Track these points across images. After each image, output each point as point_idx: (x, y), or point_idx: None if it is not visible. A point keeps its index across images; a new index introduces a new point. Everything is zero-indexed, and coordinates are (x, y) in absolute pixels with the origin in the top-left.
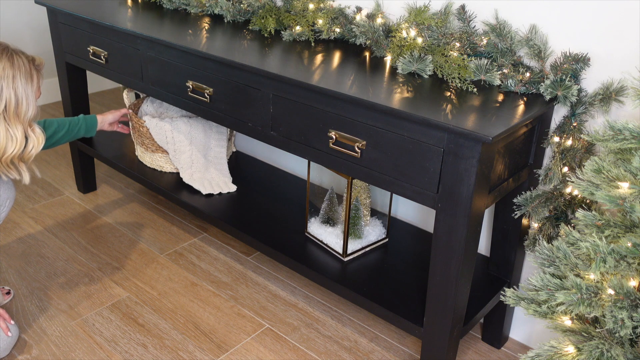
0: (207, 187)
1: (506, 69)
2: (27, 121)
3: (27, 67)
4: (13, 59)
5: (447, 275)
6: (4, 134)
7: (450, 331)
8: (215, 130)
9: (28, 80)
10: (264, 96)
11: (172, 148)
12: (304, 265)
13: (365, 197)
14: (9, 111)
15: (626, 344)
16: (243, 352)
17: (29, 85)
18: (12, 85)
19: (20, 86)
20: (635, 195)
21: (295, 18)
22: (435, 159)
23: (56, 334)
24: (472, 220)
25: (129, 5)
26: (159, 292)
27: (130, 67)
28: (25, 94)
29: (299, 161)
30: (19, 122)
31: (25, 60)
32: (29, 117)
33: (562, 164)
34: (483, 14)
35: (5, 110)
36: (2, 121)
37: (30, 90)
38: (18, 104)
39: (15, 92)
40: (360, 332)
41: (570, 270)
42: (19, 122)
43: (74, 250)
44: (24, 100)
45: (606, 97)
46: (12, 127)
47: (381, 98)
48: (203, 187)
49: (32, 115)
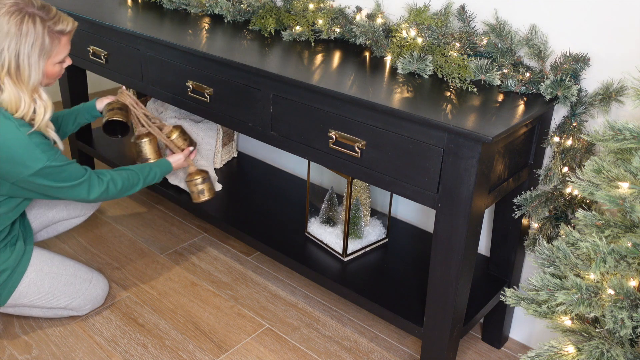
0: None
1: (506, 69)
2: (31, 86)
3: (38, 33)
4: (22, 24)
5: (447, 275)
6: (14, 93)
7: (450, 331)
8: (204, 127)
9: (35, 48)
10: (264, 96)
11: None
12: (304, 265)
13: (365, 197)
14: (11, 73)
15: (626, 344)
16: (243, 352)
17: (36, 53)
18: (13, 50)
19: (23, 52)
20: (635, 195)
21: (295, 18)
22: (435, 159)
23: (56, 334)
24: (472, 220)
25: (129, 5)
26: (159, 292)
27: (130, 67)
28: (28, 61)
29: (299, 161)
30: (23, 85)
31: (40, 27)
32: (32, 83)
33: (562, 164)
34: (483, 14)
35: (9, 71)
36: (8, 80)
37: (37, 57)
38: (19, 68)
39: (17, 58)
40: (360, 332)
41: (570, 270)
42: (23, 86)
43: (74, 250)
44: (26, 67)
45: (606, 97)
46: (19, 89)
47: (381, 98)
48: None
49: (35, 82)
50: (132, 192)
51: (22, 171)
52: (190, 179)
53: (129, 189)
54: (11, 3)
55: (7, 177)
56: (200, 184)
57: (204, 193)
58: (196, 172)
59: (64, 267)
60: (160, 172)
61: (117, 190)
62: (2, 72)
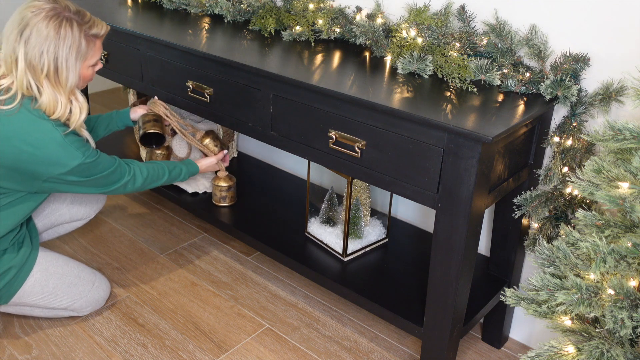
0: (193, 186)
1: (506, 69)
2: (69, 89)
3: (75, 37)
4: (60, 28)
5: (447, 275)
6: (52, 96)
7: (450, 331)
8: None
9: (72, 51)
10: (264, 96)
11: None
12: (304, 265)
13: (365, 197)
14: (50, 76)
15: (626, 344)
16: (243, 352)
17: (73, 56)
18: (52, 53)
19: (62, 55)
20: (635, 195)
21: (295, 18)
22: (435, 159)
23: (56, 334)
24: (472, 220)
25: (129, 5)
26: (159, 292)
27: (131, 67)
28: (66, 64)
29: (299, 161)
30: (61, 88)
31: (77, 30)
32: (70, 85)
33: (562, 164)
34: (483, 14)
35: (48, 74)
36: (47, 83)
37: (74, 60)
38: (58, 71)
39: (56, 61)
40: (360, 332)
41: (570, 270)
42: (62, 88)
43: (74, 250)
44: (65, 70)
45: (606, 97)
46: (57, 92)
47: (381, 98)
48: (189, 186)
49: (72, 84)
50: (158, 184)
51: (58, 169)
52: (217, 183)
53: (155, 180)
54: (49, 8)
55: (41, 176)
56: (225, 191)
57: (225, 199)
58: (224, 179)
59: (68, 268)
60: (186, 171)
61: (143, 178)
62: (42, 75)
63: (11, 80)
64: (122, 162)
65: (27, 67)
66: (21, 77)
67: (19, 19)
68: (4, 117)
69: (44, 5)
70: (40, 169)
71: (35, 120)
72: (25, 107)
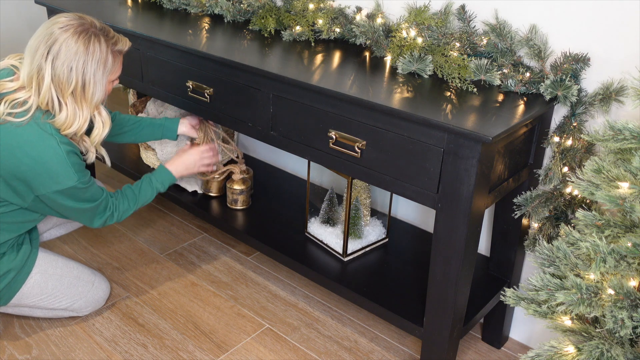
0: (193, 185)
1: (506, 69)
2: (94, 104)
3: (102, 52)
4: (89, 43)
5: (447, 275)
6: (72, 112)
7: (450, 331)
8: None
9: (100, 66)
10: (264, 96)
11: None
12: (304, 265)
13: (365, 197)
14: (76, 92)
15: (626, 344)
16: (243, 352)
17: (100, 71)
18: (81, 69)
19: (90, 71)
20: (635, 195)
21: (295, 18)
22: (435, 159)
23: (56, 334)
24: (472, 220)
25: (129, 5)
26: (159, 292)
27: (130, 67)
28: (94, 79)
29: (299, 161)
30: (86, 104)
31: (104, 46)
32: (96, 101)
33: (562, 164)
34: (483, 14)
35: (74, 90)
36: (71, 99)
37: (101, 75)
38: (85, 87)
39: (84, 76)
40: (360, 332)
41: (570, 270)
42: (86, 104)
43: (74, 250)
44: (92, 85)
45: (606, 97)
46: (79, 107)
47: (381, 98)
48: (189, 185)
49: (99, 99)
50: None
51: (52, 186)
52: (230, 185)
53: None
54: (77, 24)
55: (36, 189)
56: (237, 194)
57: (237, 202)
58: (238, 182)
59: (67, 269)
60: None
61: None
62: (68, 91)
63: (28, 95)
64: (108, 196)
65: (53, 83)
66: (45, 92)
67: (47, 34)
68: (12, 128)
69: (72, 22)
70: (36, 182)
71: (42, 134)
72: (35, 120)
